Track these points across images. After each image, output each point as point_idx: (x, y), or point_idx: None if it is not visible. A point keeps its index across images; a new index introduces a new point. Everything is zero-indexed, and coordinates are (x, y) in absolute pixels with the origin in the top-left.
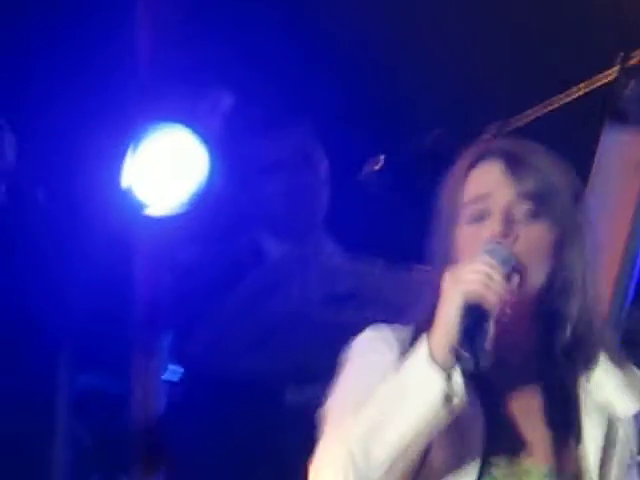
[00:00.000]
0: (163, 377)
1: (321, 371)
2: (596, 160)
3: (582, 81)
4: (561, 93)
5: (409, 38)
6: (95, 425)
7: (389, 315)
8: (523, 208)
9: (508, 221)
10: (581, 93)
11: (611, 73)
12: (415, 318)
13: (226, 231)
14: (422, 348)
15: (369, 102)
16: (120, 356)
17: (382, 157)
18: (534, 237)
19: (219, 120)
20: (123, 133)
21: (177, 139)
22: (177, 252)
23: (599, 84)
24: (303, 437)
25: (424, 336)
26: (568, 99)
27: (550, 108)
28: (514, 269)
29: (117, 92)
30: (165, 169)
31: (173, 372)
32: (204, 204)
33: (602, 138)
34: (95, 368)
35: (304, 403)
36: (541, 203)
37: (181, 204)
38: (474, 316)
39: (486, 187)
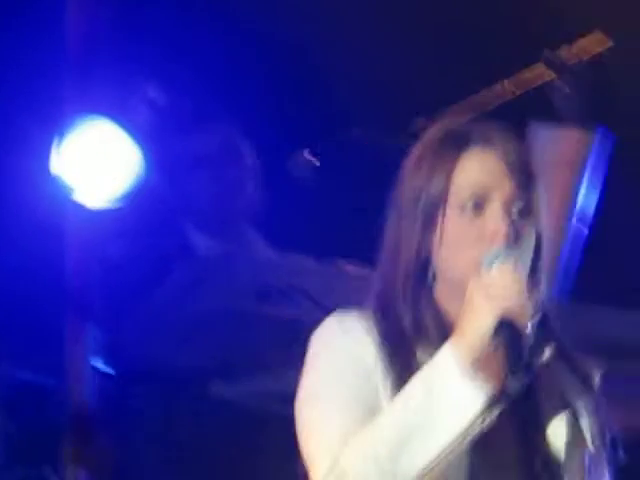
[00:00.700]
0: (93, 370)
1: (249, 366)
2: None
3: (508, 76)
4: (488, 88)
5: (336, 33)
6: (22, 417)
7: (320, 310)
8: (519, 205)
9: (509, 218)
10: (509, 89)
11: (537, 69)
12: (374, 308)
13: (155, 225)
14: (449, 361)
15: (297, 97)
16: (49, 348)
17: (309, 152)
18: (526, 237)
19: (148, 114)
20: (53, 125)
21: (106, 133)
22: (106, 245)
23: (526, 80)
24: (229, 431)
25: (446, 348)
26: (496, 95)
27: (478, 103)
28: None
29: (47, 84)
30: (94, 162)
31: (103, 365)
32: (133, 198)
33: (531, 135)
34: (23, 360)
35: (232, 398)
36: (531, 201)
37: (110, 198)
38: (511, 333)
39: (485, 177)
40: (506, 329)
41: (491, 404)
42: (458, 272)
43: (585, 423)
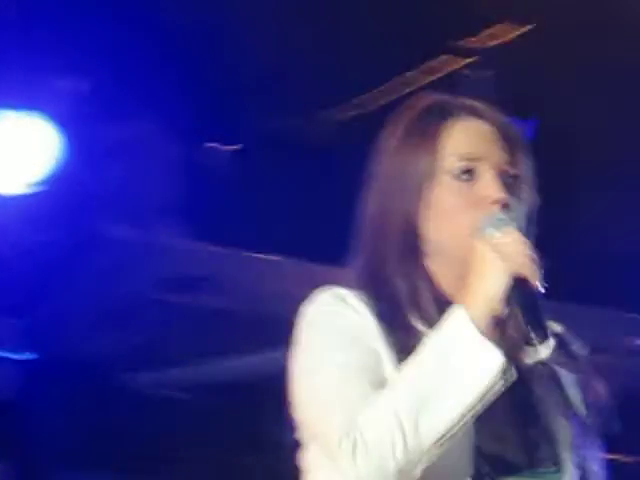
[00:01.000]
0: (9, 357)
1: (166, 353)
2: None
3: (413, 67)
4: (397, 77)
5: (251, 25)
6: None
7: (239, 299)
8: (509, 171)
9: (502, 184)
10: (414, 79)
11: (445, 58)
12: (363, 284)
13: (71, 214)
14: (464, 323)
15: (218, 88)
16: None
17: (224, 143)
18: (517, 203)
19: (68, 105)
20: None
21: (25, 123)
22: (24, 233)
23: (433, 69)
24: (143, 417)
25: (458, 311)
26: (404, 84)
27: (388, 91)
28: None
29: None
30: (13, 151)
31: (20, 353)
32: (51, 187)
33: None
34: None
35: (148, 383)
36: (520, 168)
37: (28, 186)
38: (525, 293)
39: (475, 145)
40: (520, 290)
41: (508, 368)
42: (452, 240)
43: (573, 393)
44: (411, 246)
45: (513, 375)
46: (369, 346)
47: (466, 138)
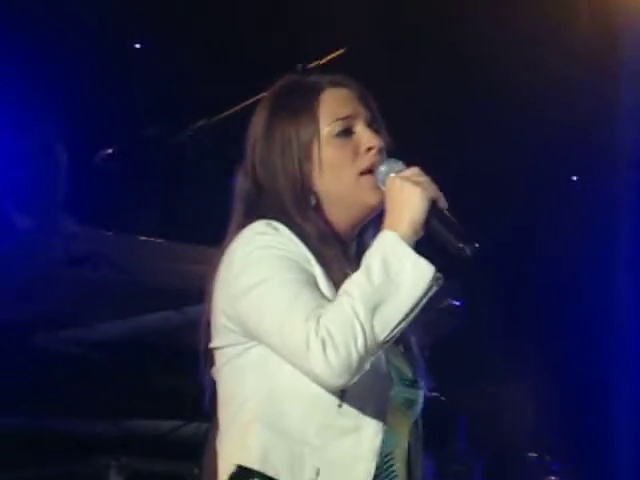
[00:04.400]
0: None
1: (68, 318)
2: None
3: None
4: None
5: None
6: None
7: (120, 271)
8: (375, 126)
9: (375, 136)
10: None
11: None
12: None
13: None
14: (397, 241)
15: (102, 100)
16: None
17: (113, 148)
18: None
19: None
20: None
21: None
22: None
23: None
24: (51, 375)
25: (389, 234)
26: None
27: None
28: None
29: None
30: None
31: None
32: None
33: None
34: None
35: (55, 347)
36: (380, 124)
37: None
38: (442, 213)
39: (346, 108)
40: (435, 210)
41: (439, 275)
42: (343, 188)
43: (411, 329)
44: (305, 201)
45: (442, 281)
46: (306, 269)
47: (337, 103)
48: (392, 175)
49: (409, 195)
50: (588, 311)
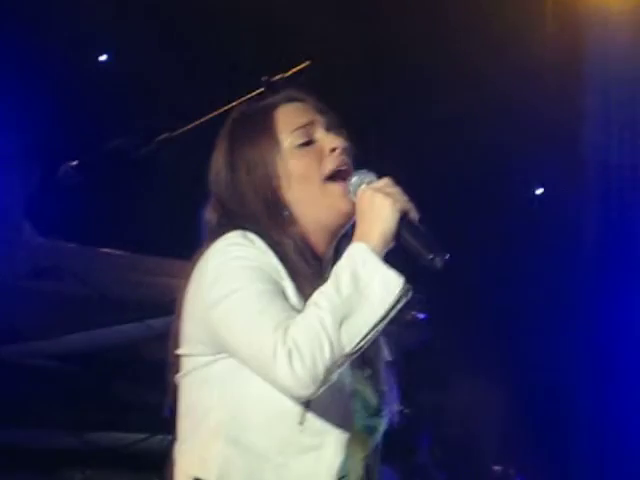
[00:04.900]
0: None
1: (31, 330)
2: None
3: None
4: (216, 109)
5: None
6: None
7: (82, 284)
8: (335, 131)
9: (336, 138)
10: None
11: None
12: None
13: None
14: (367, 254)
15: (66, 114)
16: None
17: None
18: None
19: None
20: None
21: None
22: None
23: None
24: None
25: (359, 246)
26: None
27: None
28: None
29: None
30: None
31: None
32: None
33: None
34: None
35: (18, 359)
36: (339, 129)
37: None
38: (413, 225)
39: (303, 118)
40: (406, 222)
41: (408, 287)
42: (312, 195)
43: (382, 341)
44: (276, 215)
45: (410, 293)
46: (277, 282)
47: (293, 114)
48: (363, 186)
49: (380, 206)
50: (554, 323)
